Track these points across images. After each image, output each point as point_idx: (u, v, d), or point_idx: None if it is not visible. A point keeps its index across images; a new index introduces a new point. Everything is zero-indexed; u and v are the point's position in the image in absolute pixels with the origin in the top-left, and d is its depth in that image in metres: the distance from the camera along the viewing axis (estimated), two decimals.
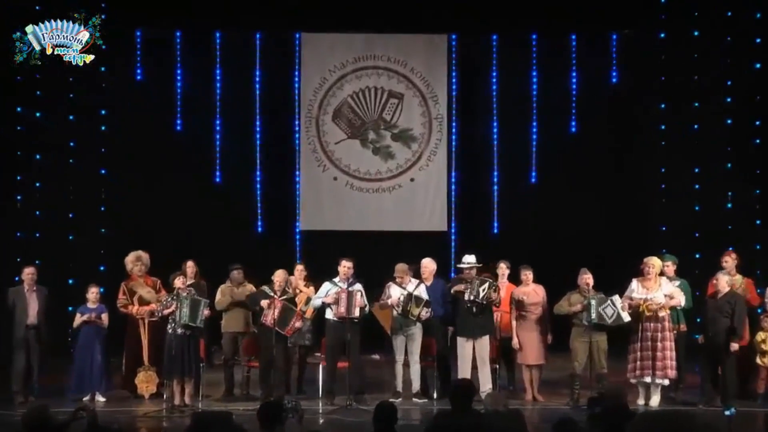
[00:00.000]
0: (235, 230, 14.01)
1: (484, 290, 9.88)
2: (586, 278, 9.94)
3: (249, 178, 14.35)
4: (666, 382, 9.79)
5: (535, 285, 10.34)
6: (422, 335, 10.27)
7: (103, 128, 13.98)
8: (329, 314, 10.07)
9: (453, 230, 14.49)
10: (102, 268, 13.20)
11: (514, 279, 10.50)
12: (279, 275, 10.11)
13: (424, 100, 14.56)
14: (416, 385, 10.24)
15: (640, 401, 9.77)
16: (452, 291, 10.15)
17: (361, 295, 10.00)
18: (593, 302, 9.72)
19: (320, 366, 10.31)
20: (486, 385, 9.96)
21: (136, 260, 10.60)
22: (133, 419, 9.33)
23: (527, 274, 10.32)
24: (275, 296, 9.91)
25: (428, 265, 10.58)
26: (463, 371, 9.89)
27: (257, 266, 11.17)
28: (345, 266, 10.10)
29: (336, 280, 10.14)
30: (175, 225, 13.61)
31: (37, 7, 11.69)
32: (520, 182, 14.43)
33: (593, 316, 9.70)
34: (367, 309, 10.14)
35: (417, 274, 10.48)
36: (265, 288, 10.07)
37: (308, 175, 14.48)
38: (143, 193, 13.79)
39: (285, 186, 14.43)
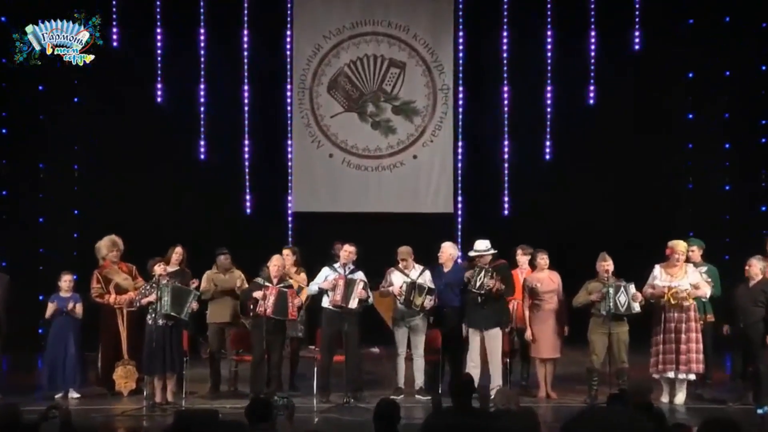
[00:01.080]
0: (222, 211, 13.97)
1: (480, 279, 9.88)
2: (605, 264, 9.88)
3: (236, 155, 14.28)
4: (692, 377, 9.79)
5: (550, 271, 10.31)
6: (432, 326, 10.27)
7: (75, 100, 13.93)
8: (326, 302, 10.06)
9: (459, 212, 14.45)
10: (75, 254, 13.17)
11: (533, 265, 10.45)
12: (275, 261, 10.08)
13: (428, 69, 14.48)
14: (419, 381, 10.25)
15: (664, 398, 9.79)
16: (465, 278, 10.13)
17: (365, 286, 9.97)
18: (611, 291, 9.69)
19: (315, 360, 10.31)
20: (496, 380, 9.96)
21: (111, 246, 10.55)
22: (110, 418, 9.33)
23: (543, 258, 10.29)
24: (270, 285, 9.87)
25: (447, 249, 10.54)
26: (469, 364, 9.90)
27: (245, 251, 11.16)
28: (347, 251, 10.08)
29: (336, 265, 10.13)
30: (156, 206, 13.56)
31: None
32: (533, 159, 14.37)
33: (611, 305, 9.68)
34: (370, 300, 10.13)
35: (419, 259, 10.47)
36: (258, 279, 10.05)
37: (301, 151, 14.42)
38: (120, 171, 13.73)
39: (275, 164, 14.38)
